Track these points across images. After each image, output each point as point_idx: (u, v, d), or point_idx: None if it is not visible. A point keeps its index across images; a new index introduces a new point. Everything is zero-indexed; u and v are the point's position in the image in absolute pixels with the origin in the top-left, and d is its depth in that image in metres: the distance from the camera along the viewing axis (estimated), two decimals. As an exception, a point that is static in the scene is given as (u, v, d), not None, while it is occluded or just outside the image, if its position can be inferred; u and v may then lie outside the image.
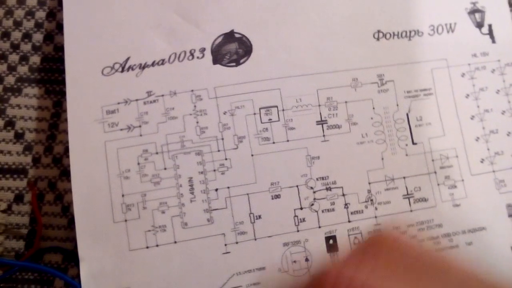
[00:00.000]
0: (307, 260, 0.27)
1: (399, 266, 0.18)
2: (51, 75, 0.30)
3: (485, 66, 0.30)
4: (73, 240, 0.28)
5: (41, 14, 0.30)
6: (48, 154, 0.29)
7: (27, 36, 0.30)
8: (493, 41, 0.31)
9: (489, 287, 0.17)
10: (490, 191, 0.29)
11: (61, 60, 0.29)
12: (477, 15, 0.31)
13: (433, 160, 0.29)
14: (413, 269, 0.18)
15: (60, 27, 0.30)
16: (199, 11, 0.29)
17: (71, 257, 0.28)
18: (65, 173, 0.29)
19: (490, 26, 0.31)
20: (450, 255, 0.28)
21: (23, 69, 0.30)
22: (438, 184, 0.29)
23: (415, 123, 0.29)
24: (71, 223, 0.28)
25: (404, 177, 0.29)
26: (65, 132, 0.28)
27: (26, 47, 0.30)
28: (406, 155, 0.29)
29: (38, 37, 0.30)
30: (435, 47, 0.30)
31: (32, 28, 0.30)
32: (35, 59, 0.30)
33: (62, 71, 0.28)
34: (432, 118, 0.29)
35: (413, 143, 0.29)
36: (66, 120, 0.27)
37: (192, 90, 0.28)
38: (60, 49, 0.30)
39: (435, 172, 0.29)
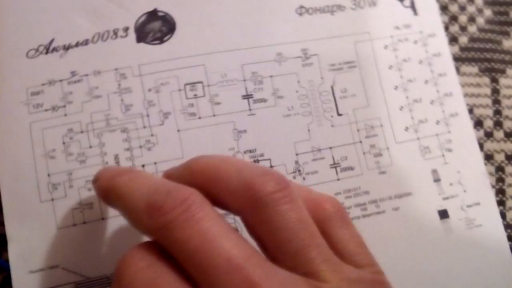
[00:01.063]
0: (236, 230, 0.28)
1: None
2: (-21, 62, 0.30)
3: (407, 38, 0.31)
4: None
5: (-33, 2, 0.31)
6: (-22, 139, 0.29)
7: (-47, 24, 0.30)
8: (415, 13, 0.32)
9: None
10: (415, 158, 0.30)
11: (-11, 47, 0.29)
12: (399, -11, 0.32)
13: (358, 130, 0.30)
14: None
15: (-13, 14, 0.30)
16: (121, -9, 0.29)
17: (4, 241, 0.28)
18: (-4, 158, 0.29)
19: (412, -1, 0.32)
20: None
21: (-50, 57, 0.30)
22: (364, 153, 0.29)
23: (339, 95, 0.30)
24: (2, 208, 0.28)
25: (330, 147, 0.29)
26: (-5, 117, 0.28)
27: (-48, 34, 0.30)
28: (332, 126, 0.30)
29: (-35, 24, 0.30)
30: (357, 21, 0.31)
31: (-42, 15, 0.30)
32: (-37, 47, 0.30)
33: (-10, 57, 0.28)
34: (356, 90, 0.30)
35: (338, 114, 0.30)
36: (-6, 105, 0.28)
37: (116, 69, 0.28)
38: (-13, 35, 0.30)
39: (361, 142, 0.30)
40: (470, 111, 0.32)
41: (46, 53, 0.28)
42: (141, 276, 0.16)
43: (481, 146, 0.32)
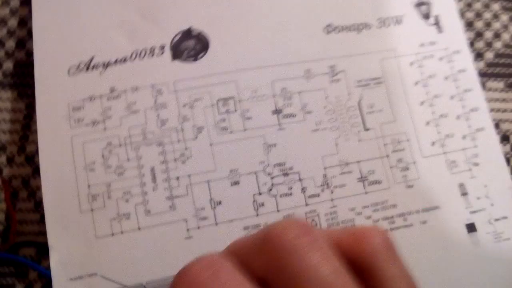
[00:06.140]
0: None
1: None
2: (23, 79, 0.32)
3: (432, 54, 0.32)
4: (46, 233, 0.29)
5: (13, 22, 0.32)
6: (21, 153, 0.31)
7: (0, 43, 0.32)
8: (440, 31, 0.33)
9: None
10: (442, 172, 0.30)
11: (32, 65, 0.31)
12: (423, 8, 0.33)
13: (385, 145, 0.30)
14: None
15: (31, 34, 0.32)
16: (158, 10, 0.31)
17: (44, 250, 0.30)
18: (37, 171, 0.30)
19: (436, 17, 0.33)
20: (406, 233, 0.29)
21: (-3, 74, 0.32)
22: (391, 167, 0.30)
23: (366, 110, 0.31)
24: (43, 218, 0.30)
25: (358, 161, 0.30)
26: (37, 132, 0.29)
27: (-1, 53, 0.32)
28: (359, 140, 0.30)
29: (10, 43, 0.32)
30: (383, 38, 0.32)
31: (4, 35, 0.32)
32: (8, 65, 0.32)
33: (33, 75, 0.30)
34: (383, 105, 0.31)
35: (365, 129, 0.30)
36: (37, 120, 0.29)
37: (152, 85, 0.29)
38: (31, 54, 0.32)
39: (388, 156, 0.30)
40: (497, 126, 0.32)
41: (87, 70, 0.30)
42: None
43: (507, 160, 0.32)
